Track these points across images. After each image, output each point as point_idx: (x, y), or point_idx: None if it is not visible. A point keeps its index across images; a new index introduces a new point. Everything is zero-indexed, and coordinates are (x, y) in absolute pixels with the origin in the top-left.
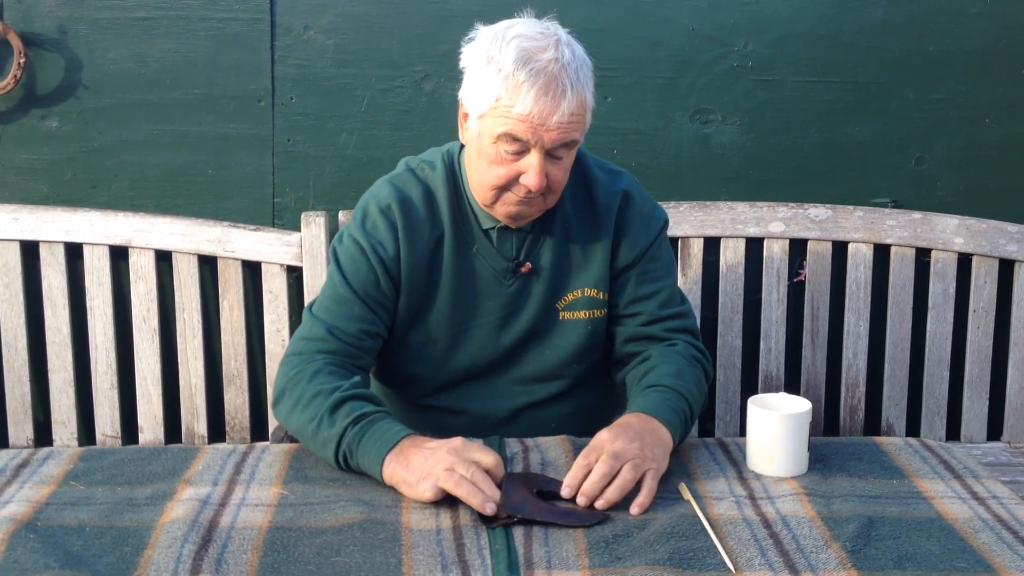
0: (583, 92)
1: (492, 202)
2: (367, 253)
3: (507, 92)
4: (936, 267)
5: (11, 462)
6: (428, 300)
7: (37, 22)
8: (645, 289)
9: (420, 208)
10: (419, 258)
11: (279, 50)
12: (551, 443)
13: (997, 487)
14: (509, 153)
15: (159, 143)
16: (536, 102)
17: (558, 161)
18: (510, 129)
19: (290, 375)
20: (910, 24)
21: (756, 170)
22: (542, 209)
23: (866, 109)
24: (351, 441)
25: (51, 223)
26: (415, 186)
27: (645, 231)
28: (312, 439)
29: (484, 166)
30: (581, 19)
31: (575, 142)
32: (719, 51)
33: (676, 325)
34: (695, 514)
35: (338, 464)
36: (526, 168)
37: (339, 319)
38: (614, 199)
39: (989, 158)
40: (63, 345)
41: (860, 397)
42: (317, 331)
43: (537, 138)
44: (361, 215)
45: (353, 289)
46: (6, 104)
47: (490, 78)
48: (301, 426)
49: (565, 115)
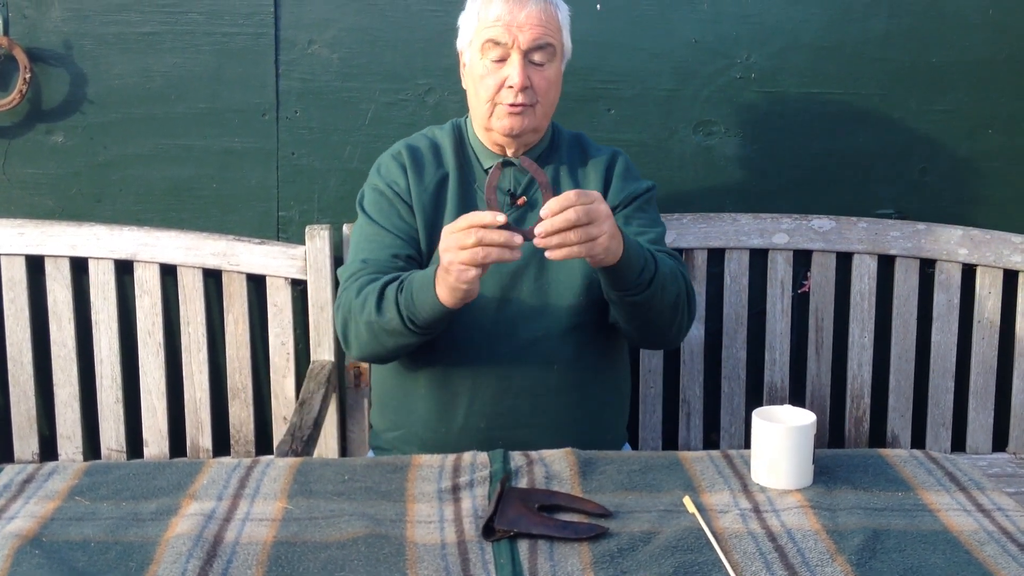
0: (550, 6)
1: (488, 118)
2: (384, 191)
3: (483, 7)
4: (940, 278)
5: (16, 477)
6: (436, 230)
7: (43, 37)
8: (633, 230)
9: (427, 154)
10: (426, 190)
11: (283, 64)
12: (556, 456)
13: (1002, 499)
14: (494, 61)
15: (164, 157)
16: (504, 3)
17: (539, 68)
18: (489, 35)
19: (343, 308)
20: (912, 35)
21: (759, 181)
22: (535, 125)
23: (869, 120)
24: (408, 305)
25: (56, 237)
26: (423, 140)
27: (634, 183)
28: (387, 330)
29: (477, 84)
30: (584, 32)
31: (551, 47)
32: (722, 63)
33: (666, 258)
34: (700, 527)
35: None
36: (509, 72)
37: (370, 251)
38: (605, 155)
39: (992, 169)
40: (68, 359)
41: (865, 408)
42: (352, 268)
43: (513, 36)
44: (376, 167)
45: (378, 223)
46: (12, 119)
47: (472, 9)
48: (371, 331)
49: (532, 15)
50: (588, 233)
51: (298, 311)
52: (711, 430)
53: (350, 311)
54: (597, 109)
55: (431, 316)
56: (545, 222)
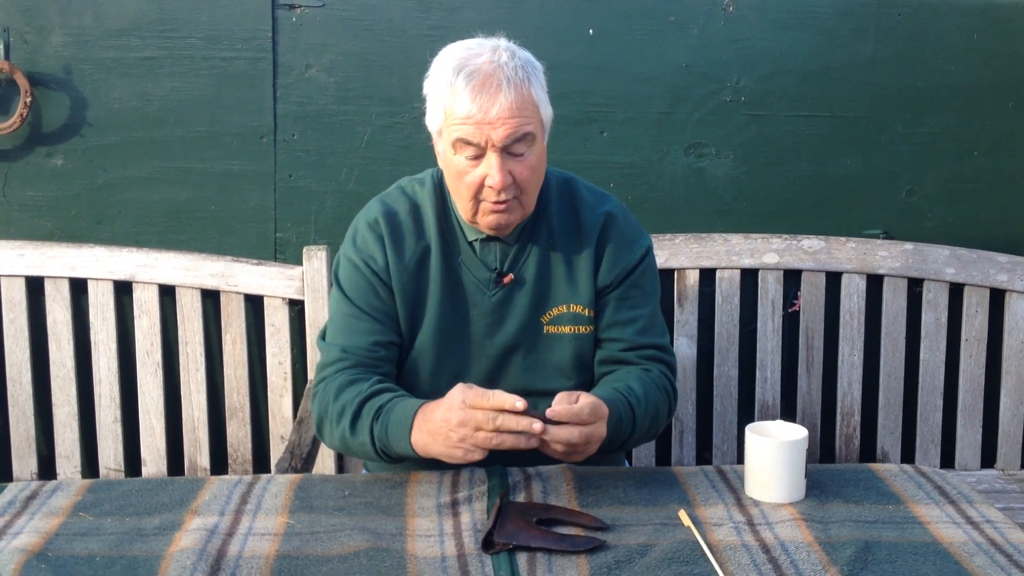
0: (523, 87)
1: (473, 214)
2: (361, 268)
3: (450, 99)
4: (928, 297)
5: (20, 494)
6: (419, 310)
7: (43, 62)
8: (624, 315)
9: (407, 221)
10: (407, 268)
11: (281, 88)
12: (553, 471)
13: (991, 512)
14: (469, 159)
15: (163, 180)
16: (474, 100)
17: (519, 158)
18: (460, 134)
19: (320, 404)
20: (898, 60)
21: (750, 202)
22: (523, 214)
23: (856, 143)
24: (381, 437)
25: (56, 259)
26: (403, 202)
27: (628, 253)
28: (359, 449)
29: (455, 181)
30: (576, 57)
31: (530, 136)
32: (712, 87)
33: (652, 355)
34: (695, 540)
35: (389, 461)
36: (488, 170)
37: (350, 337)
38: (598, 218)
39: (978, 190)
40: (67, 379)
41: (855, 426)
42: (332, 355)
43: (485, 136)
44: (352, 233)
45: (356, 305)
46: (12, 142)
47: (438, 93)
48: (343, 442)
49: (505, 108)
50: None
51: (295, 331)
52: (704, 448)
53: (326, 411)
54: (590, 132)
55: (403, 454)
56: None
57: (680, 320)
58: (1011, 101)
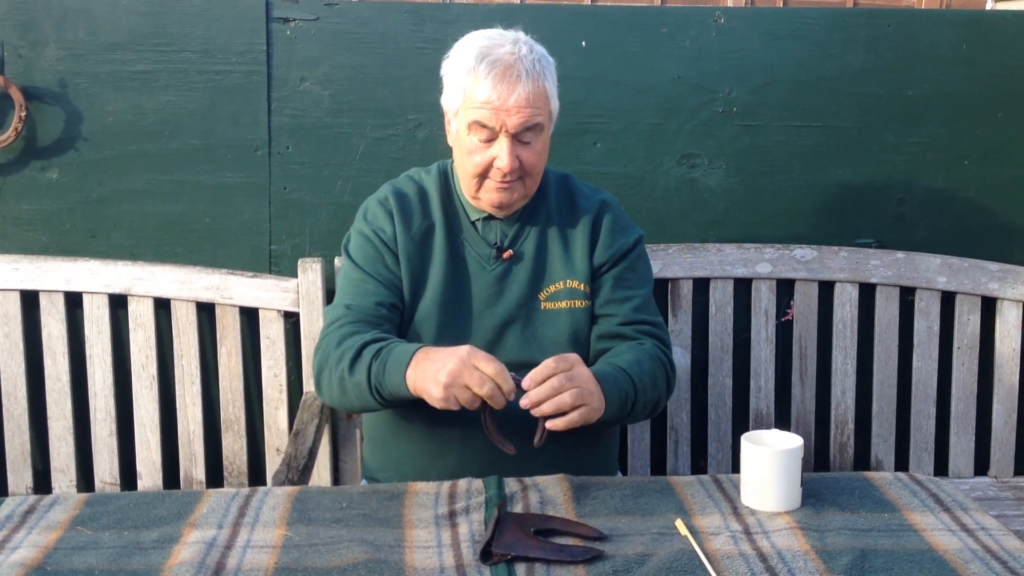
0: (540, 80)
1: (476, 191)
2: (371, 238)
3: (471, 84)
4: (920, 305)
5: (18, 508)
6: (422, 280)
7: (38, 76)
8: (620, 294)
9: (413, 201)
10: (413, 239)
11: (275, 101)
12: (549, 482)
13: (985, 519)
14: (481, 141)
15: (158, 193)
16: (495, 87)
17: (527, 145)
18: (477, 117)
19: (321, 354)
20: (889, 70)
21: (742, 212)
22: (524, 196)
23: (848, 153)
24: (378, 375)
25: (51, 272)
26: (411, 186)
27: (622, 236)
28: (353, 391)
29: (464, 158)
30: (571, 67)
31: (539, 126)
32: (704, 98)
33: (648, 330)
34: (692, 549)
35: (378, 401)
36: (498, 152)
37: (355, 297)
38: (594, 204)
39: (968, 199)
40: (62, 393)
41: (849, 434)
42: (336, 313)
43: (501, 122)
44: (363, 211)
45: (363, 269)
46: (7, 156)
47: (458, 77)
48: (341, 384)
49: (522, 98)
50: (580, 396)
51: (290, 343)
52: (699, 457)
53: (327, 359)
54: (584, 143)
55: (396, 394)
56: (531, 392)
57: (674, 330)
58: (1001, 111)
